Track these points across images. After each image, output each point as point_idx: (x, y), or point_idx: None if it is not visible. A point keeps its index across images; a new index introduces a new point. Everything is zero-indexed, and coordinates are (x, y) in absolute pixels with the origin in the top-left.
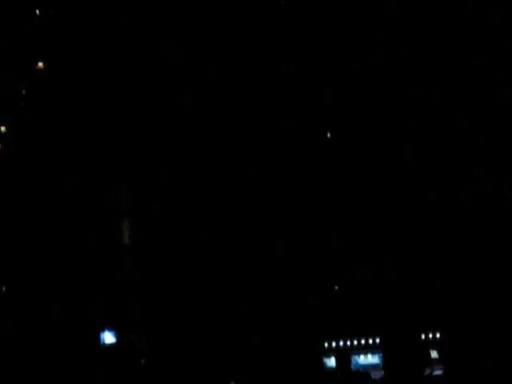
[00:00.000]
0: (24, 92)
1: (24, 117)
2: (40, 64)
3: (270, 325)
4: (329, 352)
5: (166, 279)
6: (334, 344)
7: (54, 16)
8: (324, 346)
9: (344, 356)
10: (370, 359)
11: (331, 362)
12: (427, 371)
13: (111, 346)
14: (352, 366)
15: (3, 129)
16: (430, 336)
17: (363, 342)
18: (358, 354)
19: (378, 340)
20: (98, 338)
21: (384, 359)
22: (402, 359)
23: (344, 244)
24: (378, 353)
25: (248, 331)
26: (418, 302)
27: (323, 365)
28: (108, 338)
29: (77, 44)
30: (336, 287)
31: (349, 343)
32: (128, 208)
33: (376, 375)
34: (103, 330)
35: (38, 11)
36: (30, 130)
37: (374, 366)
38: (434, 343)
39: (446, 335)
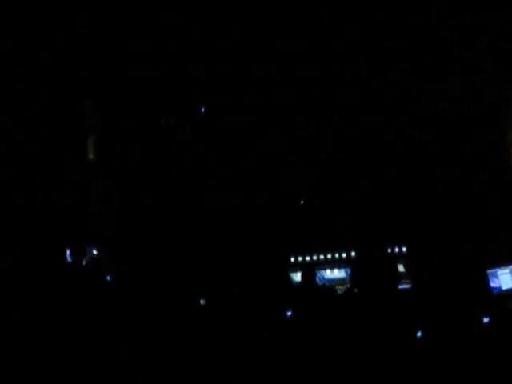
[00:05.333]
0: None
1: None
2: None
3: (238, 238)
4: (295, 267)
5: (134, 196)
6: (300, 259)
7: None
8: (290, 260)
9: (310, 271)
10: (337, 274)
11: (297, 276)
12: None
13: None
14: (318, 281)
15: None
16: (397, 250)
17: (329, 256)
18: (324, 268)
19: (344, 255)
20: (63, 255)
21: (351, 274)
22: (369, 273)
23: (311, 162)
24: (345, 267)
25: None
26: (384, 216)
27: (290, 279)
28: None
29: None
30: (302, 202)
31: (315, 258)
32: (95, 124)
33: (342, 290)
34: (69, 247)
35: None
36: None
37: (340, 281)
38: (400, 257)
39: (413, 249)
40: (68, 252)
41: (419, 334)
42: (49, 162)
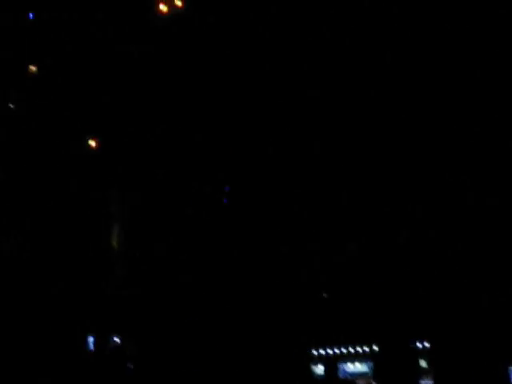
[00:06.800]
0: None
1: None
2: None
3: (260, 333)
4: (317, 360)
5: (156, 283)
6: (322, 352)
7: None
8: (312, 353)
9: (331, 364)
10: (359, 367)
11: (319, 369)
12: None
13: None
14: (339, 374)
15: None
16: (420, 345)
17: (351, 350)
18: (345, 361)
19: (366, 348)
20: (85, 343)
21: (374, 368)
22: (392, 368)
23: (332, 252)
24: (367, 361)
25: (239, 339)
26: (407, 311)
27: (311, 372)
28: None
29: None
30: (325, 295)
31: (337, 351)
32: (119, 212)
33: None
34: (91, 336)
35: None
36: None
37: (361, 375)
38: (423, 352)
39: (436, 344)
40: (90, 340)
41: None
42: (73, 247)
